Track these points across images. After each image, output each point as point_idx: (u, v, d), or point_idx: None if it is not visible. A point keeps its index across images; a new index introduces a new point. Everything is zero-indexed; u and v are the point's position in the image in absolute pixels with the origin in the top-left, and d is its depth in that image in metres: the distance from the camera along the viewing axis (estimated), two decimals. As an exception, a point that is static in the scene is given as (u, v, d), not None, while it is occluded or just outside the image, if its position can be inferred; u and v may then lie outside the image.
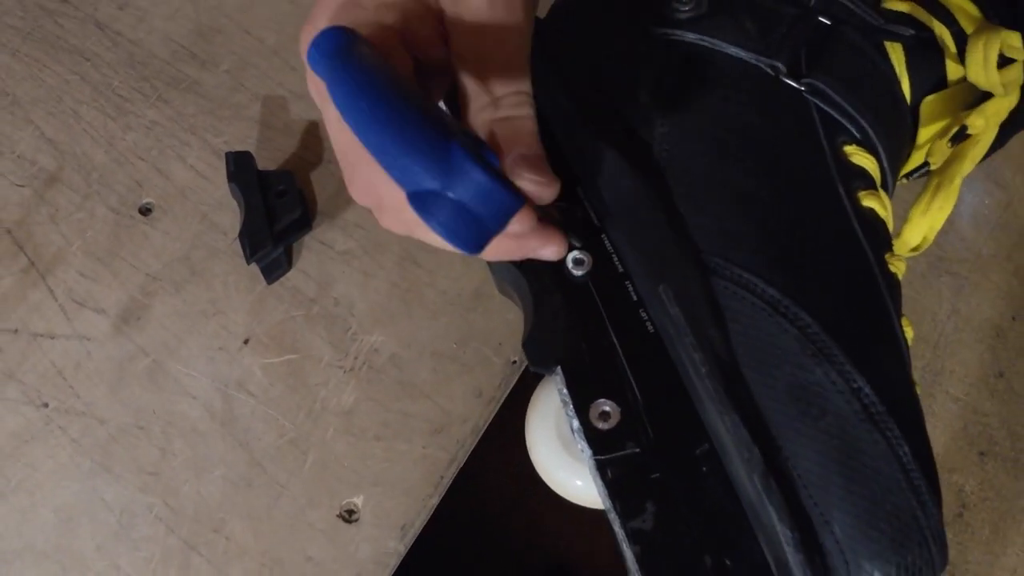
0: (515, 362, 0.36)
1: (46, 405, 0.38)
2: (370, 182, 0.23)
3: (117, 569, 0.35)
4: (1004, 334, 0.51)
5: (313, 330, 0.38)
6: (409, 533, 0.34)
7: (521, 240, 0.22)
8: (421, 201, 0.18)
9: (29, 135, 0.47)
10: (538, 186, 0.20)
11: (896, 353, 0.23)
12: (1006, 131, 0.31)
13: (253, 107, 0.46)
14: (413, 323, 0.37)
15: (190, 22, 0.50)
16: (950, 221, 0.53)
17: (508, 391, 0.35)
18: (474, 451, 0.35)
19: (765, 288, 0.22)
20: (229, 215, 0.42)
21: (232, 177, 0.40)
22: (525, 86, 0.21)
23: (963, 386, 0.49)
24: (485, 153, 0.20)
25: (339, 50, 0.18)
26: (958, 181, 0.29)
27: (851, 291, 0.23)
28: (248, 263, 0.38)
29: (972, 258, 0.53)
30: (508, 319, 0.37)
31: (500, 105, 0.21)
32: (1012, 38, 0.26)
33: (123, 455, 0.37)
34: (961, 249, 0.53)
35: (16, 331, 0.40)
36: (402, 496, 0.34)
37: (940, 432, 0.46)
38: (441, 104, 0.27)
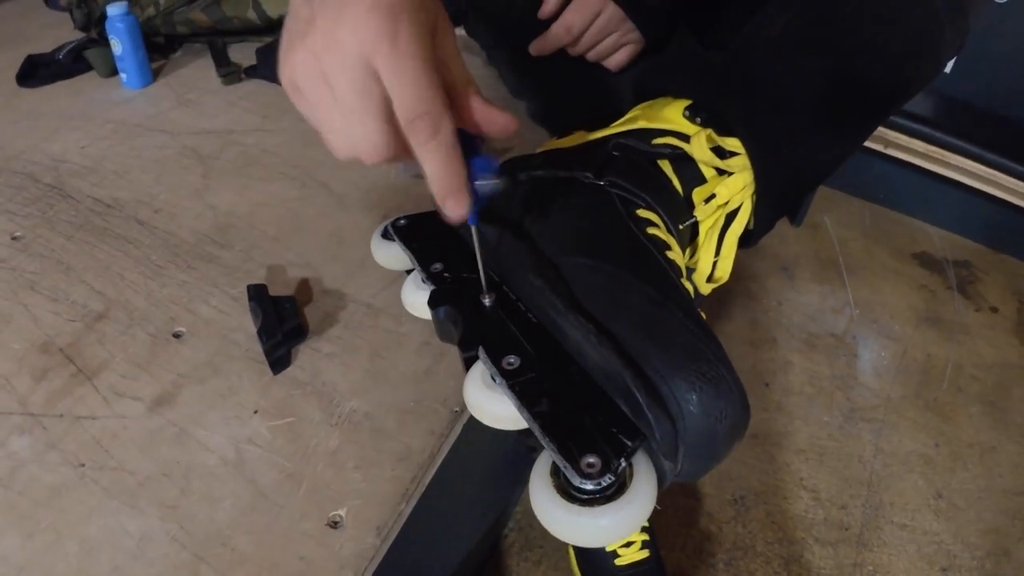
0: (457, 411, 0.53)
1: (83, 465, 0.50)
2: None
3: (132, 585, 0.45)
4: (932, 460, 0.63)
5: (307, 401, 0.54)
6: (384, 532, 0.47)
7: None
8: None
9: (82, 289, 0.64)
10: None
11: (673, 285, 0.42)
12: (764, 211, 0.53)
13: (260, 272, 0.66)
14: (381, 393, 0.54)
15: (210, 221, 0.72)
16: (854, 376, 0.69)
17: (455, 430, 0.52)
18: None
19: (587, 261, 0.42)
20: (243, 336, 0.59)
21: (251, 298, 0.58)
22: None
23: (906, 513, 0.59)
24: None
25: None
26: (732, 238, 0.51)
27: (639, 260, 0.43)
28: (263, 349, 0.55)
29: (883, 403, 0.68)
30: (449, 385, 0.54)
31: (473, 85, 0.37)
32: (732, 142, 0.51)
33: (147, 496, 0.49)
34: (870, 398, 0.68)
35: (61, 415, 0.53)
36: (378, 506, 0.48)
37: (896, 559, 0.53)
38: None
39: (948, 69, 1.29)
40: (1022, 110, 1.24)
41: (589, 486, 0.35)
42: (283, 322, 0.56)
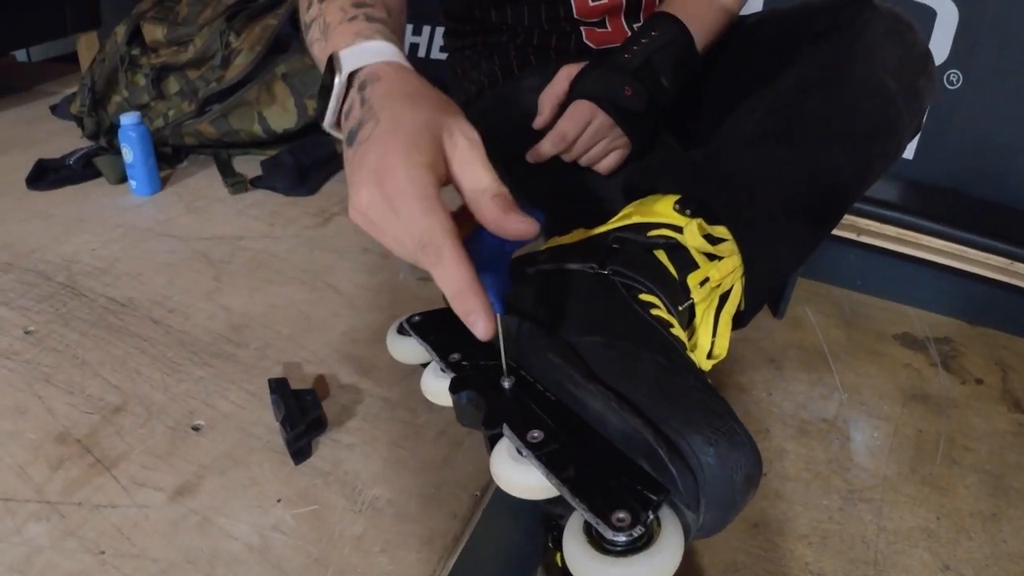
0: (477, 495, 0.56)
1: (103, 552, 0.52)
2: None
3: (157, 674, 0.46)
4: (935, 533, 0.66)
5: (330, 490, 0.57)
6: (409, 615, 0.49)
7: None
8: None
9: (98, 383, 0.67)
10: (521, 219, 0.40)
11: (680, 354, 0.48)
12: (753, 291, 0.60)
13: (276, 369, 0.70)
14: (402, 480, 0.58)
15: (225, 321, 0.77)
16: (849, 458, 0.72)
17: (476, 514, 0.55)
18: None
19: (601, 339, 0.48)
20: (263, 429, 0.63)
21: (273, 391, 0.62)
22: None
23: (915, 588, 0.60)
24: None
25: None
26: (726, 317, 0.58)
27: (647, 335, 0.49)
28: (286, 439, 0.58)
29: (880, 482, 0.72)
30: (468, 471, 0.58)
31: (489, 191, 0.42)
32: (719, 229, 0.59)
33: (172, 583, 0.51)
34: (867, 478, 0.71)
35: (79, 504, 0.55)
36: (403, 588, 0.50)
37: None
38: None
39: (911, 155, 1.43)
40: (984, 187, 1.38)
41: (621, 538, 0.39)
42: (305, 413, 0.60)
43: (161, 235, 0.92)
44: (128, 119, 1.01)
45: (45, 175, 1.03)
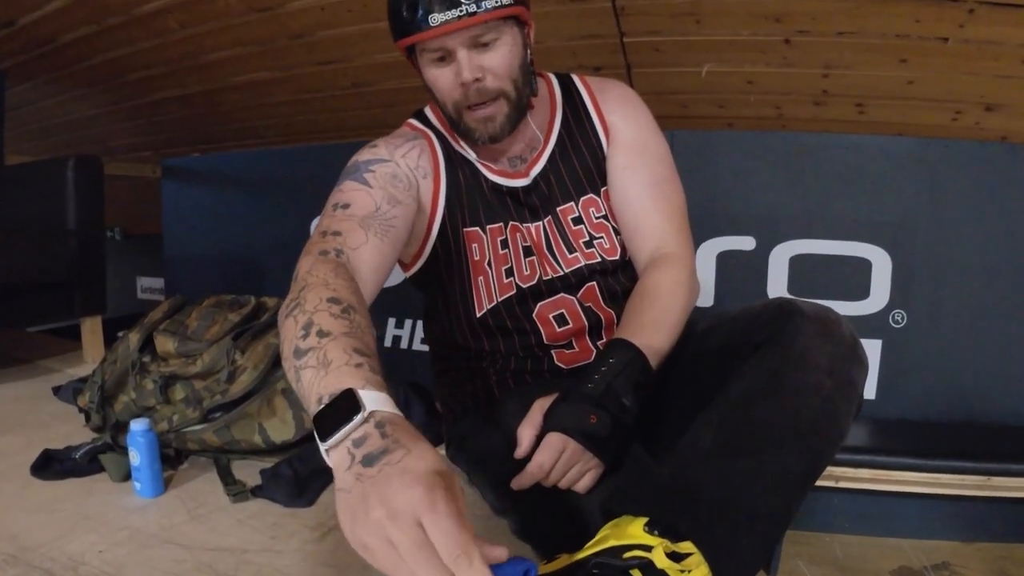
0: None
1: None
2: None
3: None
4: None
5: None
6: None
7: None
8: None
9: None
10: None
11: None
12: None
13: None
14: None
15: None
16: None
17: None
18: None
19: None
20: None
21: None
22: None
23: None
24: None
25: None
26: None
27: None
28: None
29: None
30: None
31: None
32: (686, 545, 0.71)
33: None
34: None
35: None
36: None
37: None
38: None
39: (873, 395, 1.58)
40: (944, 411, 1.51)
41: None
42: None
43: (166, 542, 0.99)
44: (138, 425, 1.12)
45: (50, 464, 1.11)
